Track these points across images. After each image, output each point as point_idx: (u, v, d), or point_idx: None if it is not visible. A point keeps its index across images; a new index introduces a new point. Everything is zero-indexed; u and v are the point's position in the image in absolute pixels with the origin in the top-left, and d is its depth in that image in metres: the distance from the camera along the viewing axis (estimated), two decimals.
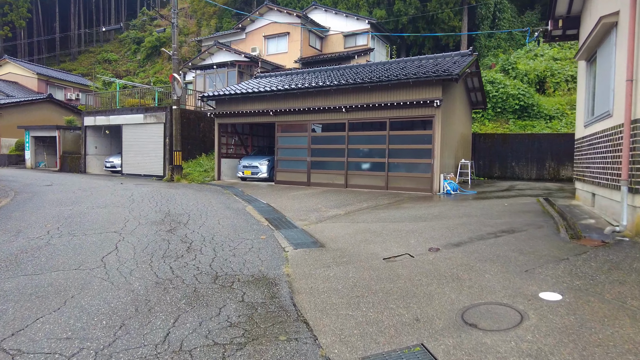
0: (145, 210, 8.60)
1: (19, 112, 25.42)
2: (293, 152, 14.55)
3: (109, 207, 8.78)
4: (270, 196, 11.29)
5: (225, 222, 7.49)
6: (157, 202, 9.78)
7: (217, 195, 11.62)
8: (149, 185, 13.79)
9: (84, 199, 9.92)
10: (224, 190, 13.00)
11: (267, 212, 8.78)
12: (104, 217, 7.66)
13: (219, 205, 9.48)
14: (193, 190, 12.57)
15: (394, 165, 12.54)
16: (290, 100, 14.15)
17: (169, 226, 7.08)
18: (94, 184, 13.71)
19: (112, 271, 4.67)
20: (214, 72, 23.42)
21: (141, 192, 11.63)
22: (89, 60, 62.97)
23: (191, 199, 10.39)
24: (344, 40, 28.28)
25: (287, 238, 6.43)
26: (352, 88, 12.75)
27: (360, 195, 11.17)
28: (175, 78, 15.05)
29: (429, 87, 11.77)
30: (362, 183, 12.96)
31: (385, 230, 6.63)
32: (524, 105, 19.05)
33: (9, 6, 58.65)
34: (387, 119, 12.47)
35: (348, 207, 9.14)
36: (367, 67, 15.59)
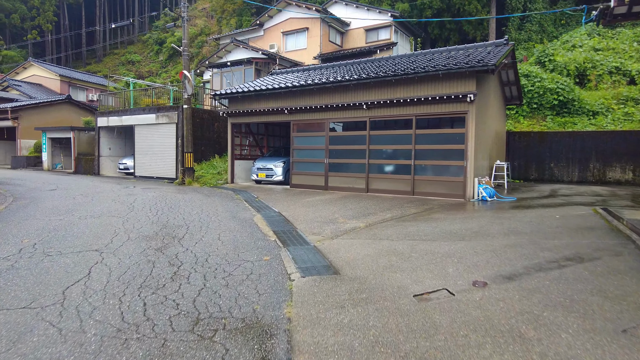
0: (141, 220, 7.69)
1: (38, 114, 25.34)
2: (309, 153, 13.47)
3: (103, 217, 7.93)
4: (283, 202, 10.25)
5: (226, 237, 6.48)
6: (158, 210, 8.89)
7: (226, 201, 10.66)
8: (157, 190, 13.00)
9: (80, 207, 9.13)
10: (234, 195, 12.05)
11: (276, 223, 7.72)
12: (92, 230, 6.78)
13: (224, 215, 8.49)
14: (202, 196, 11.67)
15: (421, 167, 11.27)
16: (307, 97, 13.07)
17: (160, 242, 6.11)
18: (99, 189, 13.02)
19: (68, 310, 3.69)
20: (230, 71, 22.61)
21: (145, 198, 10.80)
22: (114, 61, 63.79)
23: (196, 207, 9.46)
24: (366, 34, 27.04)
25: (295, 259, 5.34)
26: (374, 82, 11.55)
27: (383, 202, 9.98)
28: (186, 75, 14.22)
29: (461, 80, 10.45)
30: (385, 187, 11.75)
31: (415, 252, 5.45)
32: (564, 101, 17.34)
33: (36, 10, 60.05)
34: (414, 116, 11.21)
35: (369, 218, 7.98)
36: (390, 60, 14.34)
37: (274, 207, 9.49)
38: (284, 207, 9.46)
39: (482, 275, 4.41)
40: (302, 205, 9.69)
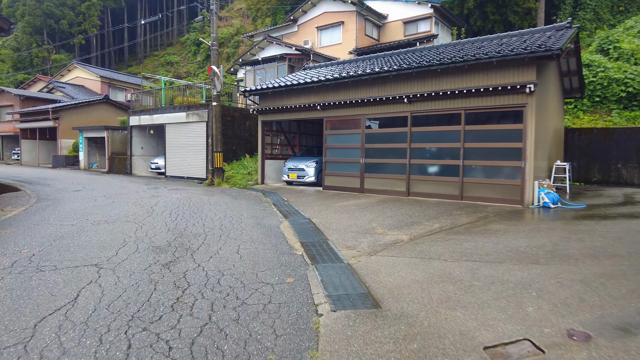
0: (157, 227, 6.96)
1: (77, 114, 25.83)
2: (344, 152, 12.42)
3: (117, 223, 7.27)
4: (314, 207, 9.28)
5: (246, 250, 5.58)
6: (179, 215, 8.16)
7: (253, 204, 9.84)
8: (183, 191, 12.40)
9: (98, 210, 8.57)
10: (263, 197, 11.23)
11: (305, 232, 6.76)
12: (101, 239, 6.09)
13: (249, 221, 7.63)
14: (228, 198, 10.92)
15: (471, 168, 9.95)
16: (341, 92, 12.03)
17: (171, 255, 5.30)
18: (125, 190, 12.61)
19: (29, 356, 2.87)
20: (263, 68, 21.95)
21: (168, 200, 10.17)
22: (153, 63, 65.45)
23: (220, 211, 8.67)
24: (404, 27, 25.64)
25: (325, 283, 4.35)
26: (417, 73, 10.34)
27: (428, 209, 8.78)
28: (214, 71, 13.56)
29: (518, 68, 9.06)
30: (429, 191, 10.51)
31: (477, 278, 4.30)
32: (633, 92, 15.28)
33: (82, 16, 62.61)
34: (462, 110, 9.91)
35: (413, 229, 6.85)
36: (433, 49, 13.02)
37: (304, 213, 8.54)
38: (314, 213, 8.49)
39: (579, 321, 3.21)
40: (335, 211, 8.67)
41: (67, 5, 61.23)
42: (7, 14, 60.05)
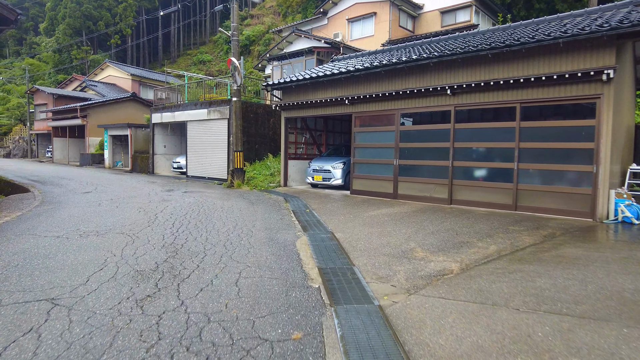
0: (151, 242, 5.88)
1: (105, 112, 25.68)
2: (375, 152, 11.03)
3: (108, 235, 6.26)
4: (339, 216, 7.98)
5: (248, 280, 4.37)
6: (183, 225, 7.09)
7: (271, 212, 8.65)
8: (198, 195, 11.41)
9: (96, 217, 7.64)
10: (284, 203, 10.05)
11: (326, 252, 5.48)
12: (78, 258, 5.06)
13: (260, 235, 6.44)
14: (245, 203, 9.81)
15: (527, 173, 8.33)
16: (372, 83, 10.65)
17: (153, 286, 4.16)
18: (137, 192, 11.76)
19: None
20: (289, 62, 20.81)
21: (178, 206, 9.16)
22: (186, 62, 66.03)
23: (231, 220, 7.54)
24: (441, 17, 23.82)
25: (347, 343, 3.06)
26: (463, 60, 8.81)
27: (477, 222, 7.28)
28: (234, 64, 12.49)
29: (592, 50, 7.39)
30: (475, 199, 8.97)
31: (577, 352, 2.86)
32: None
33: (118, 17, 64.02)
34: (518, 103, 8.31)
35: (463, 252, 5.42)
36: (478, 35, 11.34)
37: (327, 224, 7.26)
38: (339, 224, 7.19)
39: None
40: (364, 223, 7.34)
41: (104, 7, 62.81)
42: (50, 16, 62.25)
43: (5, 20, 10.18)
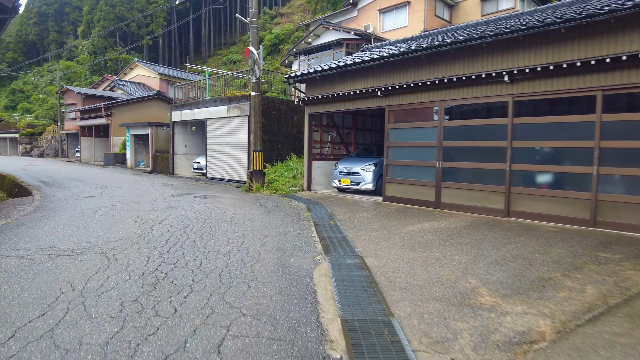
0: (131, 267, 4.62)
1: (130, 111, 25.21)
2: (412, 152, 9.44)
3: (84, 255, 5.06)
4: (370, 232, 6.50)
5: (238, 342, 2.99)
6: (178, 242, 5.82)
7: (288, 224, 7.28)
8: (211, 201, 10.21)
9: (83, 229, 6.51)
10: (305, 212, 8.66)
11: (353, 290, 4.03)
12: (26, 294, 3.85)
13: (270, 259, 5.06)
14: (260, 212, 8.48)
15: (611, 180, 6.54)
16: (410, 71, 9.06)
17: (97, 349, 2.85)
18: (144, 196, 10.67)
19: None
20: (317, 56, 19.40)
21: (182, 215, 7.93)
22: (217, 62, 66.04)
23: (238, 236, 6.21)
24: (481, 5, 21.75)
25: None
26: (525, 38, 7.09)
27: (552, 245, 5.59)
28: (252, 54, 11.20)
29: None
30: (540, 211, 7.24)
31: None
32: None
33: (150, 17, 64.85)
34: (598, 91, 6.53)
35: (548, 296, 3.81)
36: (536, 13, 9.49)
37: (355, 243, 5.81)
38: (371, 245, 5.71)
39: None
40: (403, 243, 5.81)
41: (136, 8, 63.79)
42: (87, 20, 63.80)
43: (3, 8, 9.35)
